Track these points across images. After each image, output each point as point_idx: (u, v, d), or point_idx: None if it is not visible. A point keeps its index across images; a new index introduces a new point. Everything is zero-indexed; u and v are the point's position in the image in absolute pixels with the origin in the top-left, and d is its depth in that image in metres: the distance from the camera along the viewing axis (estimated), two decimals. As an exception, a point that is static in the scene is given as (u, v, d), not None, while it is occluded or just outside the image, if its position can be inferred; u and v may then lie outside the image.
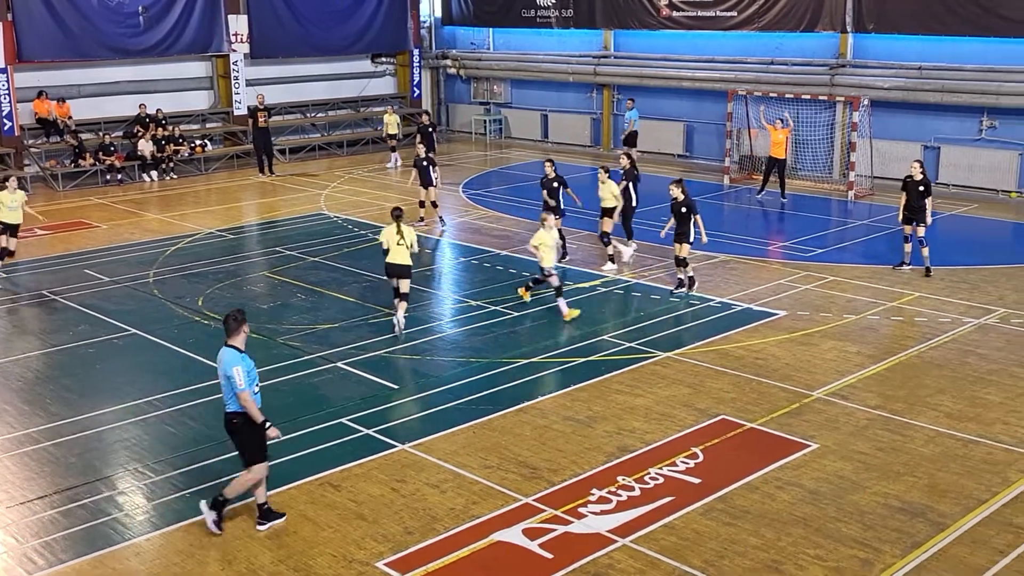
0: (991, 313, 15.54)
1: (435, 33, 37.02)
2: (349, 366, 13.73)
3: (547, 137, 33.98)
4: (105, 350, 14.70)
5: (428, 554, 9.06)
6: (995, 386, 12.75)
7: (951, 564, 8.80)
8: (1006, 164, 24.23)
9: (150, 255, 19.94)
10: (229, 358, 9.21)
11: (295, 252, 20.00)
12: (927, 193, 17.38)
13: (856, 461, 10.76)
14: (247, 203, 25.80)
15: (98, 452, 11.35)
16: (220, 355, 9.32)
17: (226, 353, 9.26)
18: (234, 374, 9.12)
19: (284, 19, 32.04)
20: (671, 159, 30.12)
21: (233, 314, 9.43)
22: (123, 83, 29.80)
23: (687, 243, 16.40)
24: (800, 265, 18.43)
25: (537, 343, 14.56)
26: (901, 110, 25.63)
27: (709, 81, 28.83)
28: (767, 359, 13.75)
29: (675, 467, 10.66)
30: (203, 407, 12.41)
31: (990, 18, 23.75)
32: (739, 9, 28.12)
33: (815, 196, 25.04)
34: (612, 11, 31.21)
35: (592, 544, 9.18)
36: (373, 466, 10.81)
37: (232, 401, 9.27)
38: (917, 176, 17.43)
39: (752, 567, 8.80)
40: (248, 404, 9.21)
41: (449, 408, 12.32)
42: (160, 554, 9.21)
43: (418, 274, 18.40)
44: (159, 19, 29.52)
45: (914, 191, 17.43)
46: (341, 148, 33.03)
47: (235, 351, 9.27)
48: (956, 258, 18.49)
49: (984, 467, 10.60)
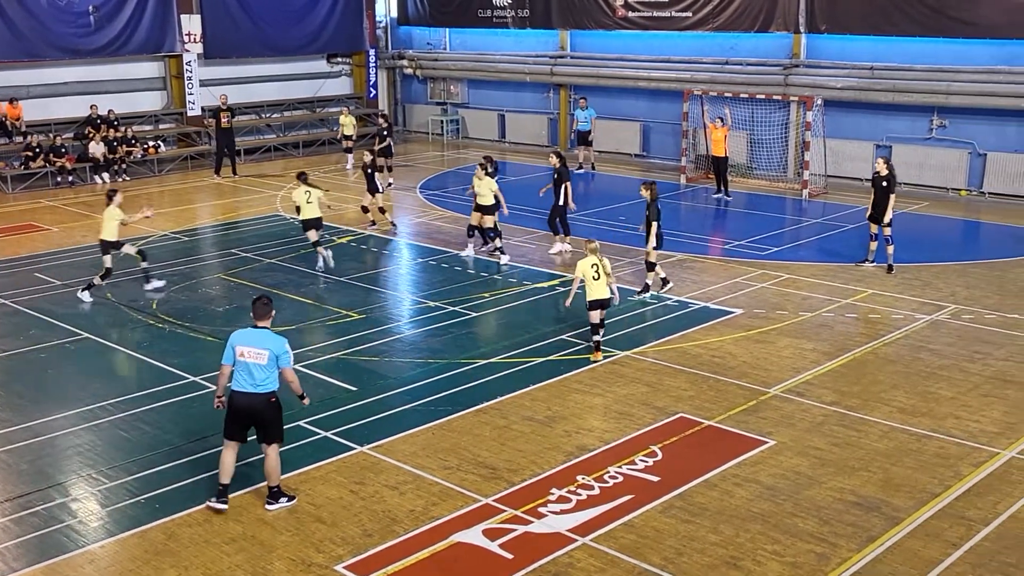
0: (942, 309, 15.78)
1: (391, 33, 36.90)
2: (307, 368, 13.62)
3: (504, 137, 33.99)
4: (57, 355, 14.47)
5: (388, 556, 9.02)
6: (946, 381, 12.95)
7: (906, 557, 8.92)
8: (956, 163, 24.63)
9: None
10: (274, 338, 9.66)
11: (251, 254, 19.82)
12: (889, 190, 17.57)
13: (812, 457, 10.87)
14: (202, 205, 25.53)
15: (50, 458, 11.17)
16: (255, 336, 9.64)
17: (267, 334, 9.67)
18: (288, 350, 9.65)
19: (238, 19, 31.75)
20: (628, 159, 30.26)
21: (262, 299, 9.93)
22: (73, 84, 29.36)
23: (651, 247, 16.20)
24: (756, 263, 18.59)
25: (496, 343, 14.55)
26: (854, 109, 25.96)
27: (665, 81, 28.99)
28: (724, 357, 13.86)
29: (634, 465, 10.70)
30: (157, 412, 12.26)
31: (939, 19, 24.13)
32: (694, 10, 28.32)
33: (770, 195, 25.28)
34: (568, 11, 31.29)
35: (552, 543, 9.19)
36: (331, 469, 10.74)
37: (271, 380, 9.62)
38: (882, 172, 17.67)
39: (711, 563, 8.86)
40: (295, 378, 9.87)
41: (408, 409, 12.27)
42: (115, 561, 9.08)
43: (375, 275, 18.38)
44: (110, 19, 29.15)
45: (878, 187, 17.68)
46: (297, 149, 32.81)
47: (272, 331, 9.75)
48: (908, 255, 18.75)
49: (937, 461, 10.75)
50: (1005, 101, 23.44)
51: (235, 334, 9.77)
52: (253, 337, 9.66)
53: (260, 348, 9.57)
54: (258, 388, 9.61)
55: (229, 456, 9.81)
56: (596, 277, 13.52)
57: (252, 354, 9.57)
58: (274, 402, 9.70)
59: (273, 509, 9.88)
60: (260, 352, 9.56)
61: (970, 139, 24.55)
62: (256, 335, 9.67)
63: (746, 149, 27.49)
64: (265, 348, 9.57)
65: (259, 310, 9.79)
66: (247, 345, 9.61)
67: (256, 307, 9.82)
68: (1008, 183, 24.00)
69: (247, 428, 9.83)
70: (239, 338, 9.69)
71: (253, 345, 9.60)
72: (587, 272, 13.51)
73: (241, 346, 9.62)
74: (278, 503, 9.92)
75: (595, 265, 13.54)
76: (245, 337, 9.68)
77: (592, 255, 13.59)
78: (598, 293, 13.57)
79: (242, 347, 9.61)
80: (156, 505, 9.99)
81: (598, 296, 13.58)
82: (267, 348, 9.57)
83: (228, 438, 9.83)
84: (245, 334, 9.72)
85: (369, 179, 21.40)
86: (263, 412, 9.68)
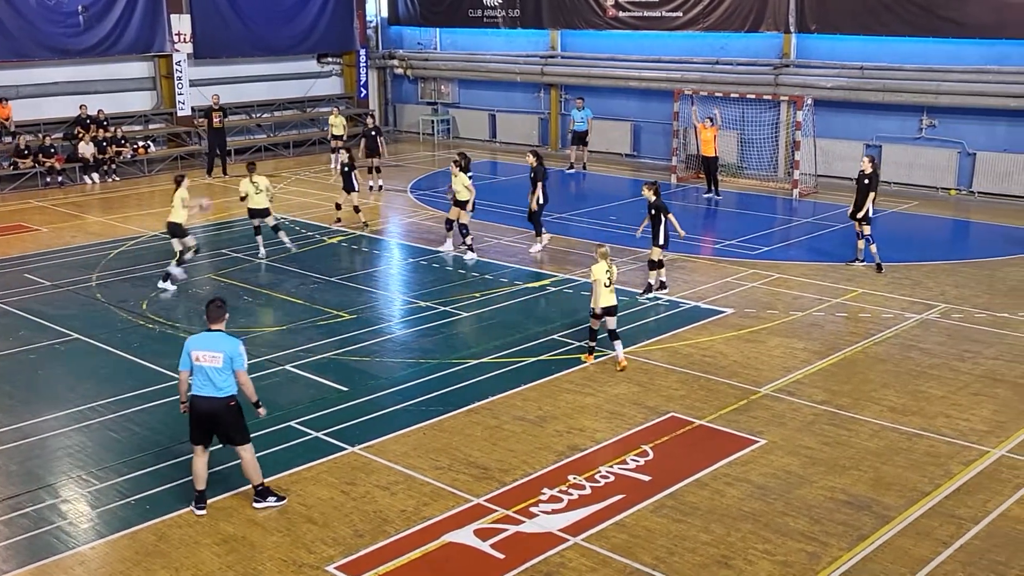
0: (932, 308, 15.83)
1: (382, 33, 36.85)
2: (297, 369, 13.61)
3: (495, 137, 33.98)
4: (47, 356, 14.42)
5: (379, 557, 9.01)
6: (937, 380, 12.99)
7: (896, 556, 8.94)
8: (945, 162, 24.71)
9: (92, 258, 19.61)
10: (228, 340, 9.55)
11: (241, 254, 19.78)
12: (869, 188, 17.60)
13: (803, 456, 10.90)
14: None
15: (40, 460, 11.13)
16: (209, 339, 9.54)
17: (220, 336, 9.56)
18: (242, 352, 9.53)
19: (228, 19, 31.66)
20: (619, 159, 30.29)
21: (216, 301, 9.79)
22: (62, 83, 29.24)
23: (657, 246, 16.21)
24: (747, 263, 18.62)
25: (487, 343, 14.55)
26: (844, 109, 26.02)
27: (656, 81, 29.02)
28: (715, 356, 13.88)
29: (625, 465, 10.71)
30: (148, 412, 12.23)
31: (929, 19, 24.21)
32: (684, 9, 28.35)
33: (761, 195, 25.32)
34: (559, 11, 31.30)
35: (543, 543, 9.19)
36: (323, 469, 10.72)
37: (229, 384, 9.52)
38: (867, 170, 17.69)
39: (702, 563, 8.87)
40: (249, 382, 9.66)
41: (399, 410, 12.26)
42: (105, 562, 9.05)
43: (366, 275, 18.37)
44: (100, 18, 29.02)
45: (861, 185, 17.73)
46: (287, 149, 32.76)
47: (227, 334, 9.64)
48: (898, 255, 18.80)
49: (927, 460, 10.79)
50: (994, 101, 23.53)
51: (190, 339, 9.67)
52: (207, 341, 9.53)
53: (214, 351, 9.46)
54: (217, 392, 9.50)
55: (199, 463, 9.75)
56: (608, 283, 13.22)
57: (207, 358, 9.45)
58: (233, 406, 9.60)
59: (261, 507, 9.86)
60: (215, 355, 9.44)
61: (959, 139, 24.64)
62: (210, 338, 9.55)
63: (736, 149, 27.53)
64: (219, 351, 9.45)
65: (212, 313, 9.67)
66: (201, 349, 9.49)
67: (209, 310, 9.70)
68: (997, 182, 24.08)
69: (210, 433, 9.70)
70: (194, 343, 9.57)
71: (207, 349, 9.48)
72: (601, 278, 13.16)
73: (196, 351, 9.50)
74: (265, 501, 9.89)
75: (608, 271, 13.22)
76: (199, 341, 9.56)
77: (603, 260, 13.22)
78: (609, 300, 13.26)
79: (197, 351, 9.49)
80: (147, 506, 9.97)
81: (609, 303, 13.26)
82: (221, 351, 9.45)
83: (194, 443, 9.74)
84: (199, 338, 9.60)
85: (346, 178, 21.39)
86: (223, 416, 9.57)
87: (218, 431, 9.68)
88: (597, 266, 13.22)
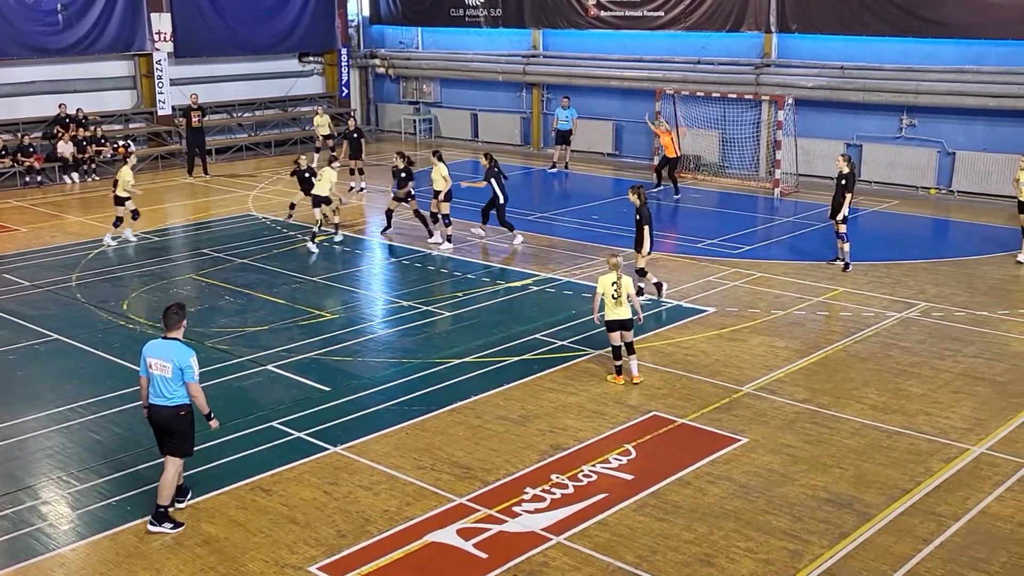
0: (912, 307, 15.92)
1: (363, 32, 36.75)
2: (279, 369, 13.57)
3: (477, 136, 33.95)
4: (26, 356, 14.32)
5: (362, 557, 8.99)
6: (917, 378, 13.06)
7: (877, 553, 8.99)
8: (925, 161, 24.85)
9: (72, 259, 19.49)
10: (180, 349, 9.27)
11: (222, 254, 19.69)
12: (846, 188, 17.62)
13: (785, 454, 10.94)
14: (173, 205, 25.34)
15: (20, 461, 11.05)
16: (162, 347, 9.32)
17: (173, 345, 9.30)
18: (192, 364, 9.22)
19: (209, 17, 31.51)
20: (601, 158, 30.32)
21: (173, 308, 9.50)
22: (41, 83, 28.99)
23: (639, 252, 15.70)
24: (728, 262, 18.68)
25: (469, 343, 14.54)
26: (825, 109, 26.13)
27: (637, 80, 29.06)
28: (697, 355, 13.91)
29: (608, 464, 10.72)
30: (128, 413, 12.15)
31: (909, 19, 24.34)
32: (666, 9, 28.40)
33: (742, 194, 25.40)
34: (540, 10, 31.31)
35: (527, 543, 9.19)
36: (305, 469, 10.69)
37: (179, 394, 9.28)
38: (844, 170, 17.75)
39: (685, 561, 8.89)
40: (200, 395, 9.35)
41: (381, 410, 12.23)
42: (86, 564, 8.99)
43: (348, 275, 18.33)
44: (79, 17, 28.83)
45: (838, 185, 17.79)
46: (268, 148, 32.63)
47: (181, 343, 9.35)
48: (878, 253, 18.90)
49: (908, 458, 10.85)
50: (973, 100, 23.67)
51: (147, 345, 9.46)
52: (160, 349, 9.31)
53: (164, 361, 9.22)
54: (167, 401, 9.29)
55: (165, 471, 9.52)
56: (616, 296, 12.50)
57: (158, 366, 9.25)
58: (183, 415, 9.36)
59: (155, 531, 9.39)
60: (165, 364, 9.22)
61: (939, 138, 24.78)
62: (163, 347, 9.31)
63: (718, 148, 27.62)
64: (169, 361, 9.20)
65: (169, 320, 9.40)
66: (155, 357, 9.29)
67: (167, 317, 9.42)
68: (976, 181, 24.24)
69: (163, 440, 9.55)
70: (149, 349, 9.38)
71: (159, 357, 9.26)
72: (607, 289, 12.54)
73: (150, 357, 9.31)
74: (160, 527, 9.42)
75: (615, 283, 12.50)
76: (153, 349, 9.36)
77: (613, 271, 12.55)
78: (617, 312, 12.62)
79: (151, 359, 9.31)
80: (128, 508, 9.91)
81: (617, 316, 12.63)
82: (171, 361, 9.20)
83: (160, 450, 9.65)
84: (154, 345, 9.40)
85: (304, 181, 21.56)
86: (171, 423, 9.34)
87: (165, 437, 9.46)
88: (604, 277, 12.66)
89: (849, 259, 17.89)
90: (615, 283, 12.54)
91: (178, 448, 9.46)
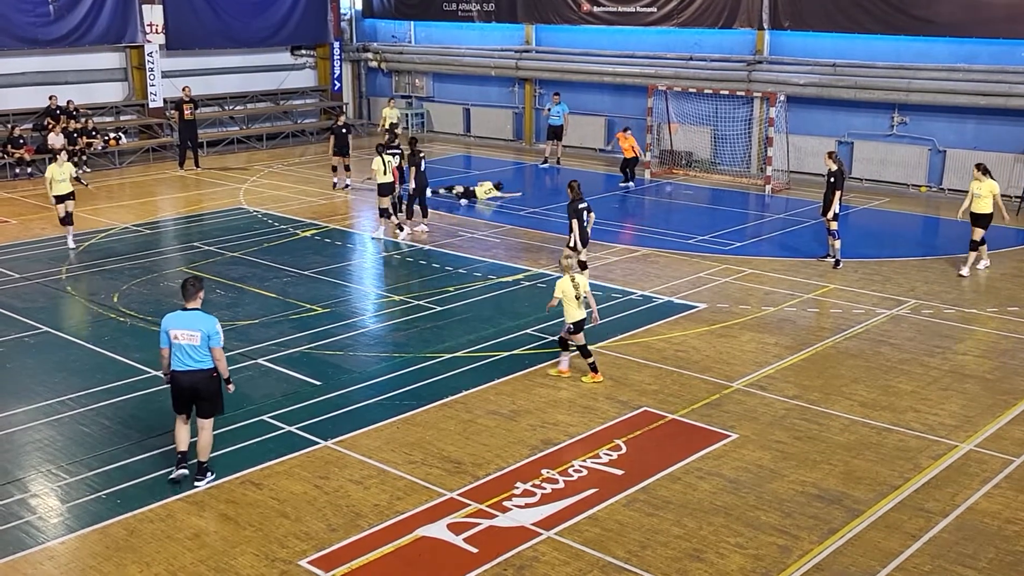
0: (902, 304, 15.97)
1: (356, 26, 36.68)
2: (270, 362, 13.55)
3: (470, 131, 33.93)
4: (16, 349, 14.27)
5: (352, 551, 9.00)
6: (906, 375, 13.11)
7: (866, 549, 9.03)
8: (916, 159, 24.92)
9: (62, 251, 19.42)
10: (205, 318, 9.94)
11: (214, 247, 19.65)
12: (835, 186, 17.67)
13: (774, 450, 10.97)
14: (164, 197, 25.27)
15: (9, 454, 11.02)
16: (186, 318, 9.91)
17: (197, 315, 9.95)
18: (219, 330, 9.95)
19: (200, 10, 31.39)
20: (593, 153, 30.33)
21: (191, 280, 10.15)
22: (31, 74, 28.88)
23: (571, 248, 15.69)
24: (719, 258, 18.71)
25: (460, 338, 14.54)
26: (816, 106, 26.18)
27: (630, 76, 29.08)
28: (688, 351, 13.94)
29: (598, 459, 10.74)
30: (118, 406, 12.14)
31: (900, 17, 24.40)
32: (659, 5, 28.40)
33: (733, 190, 25.43)
34: (533, 5, 31.29)
35: (517, 537, 9.21)
36: (295, 463, 10.69)
37: (208, 359, 9.92)
38: (831, 167, 17.79)
39: (674, 556, 8.92)
40: (223, 359, 10.07)
41: (372, 404, 12.24)
42: (75, 557, 8.98)
43: (339, 269, 18.30)
44: (70, 8, 28.70)
45: (827, 183, 17.82)
46: (260, 141, 32.55)
47: (203, 312, 10.03)
48: (869, 251, 18.95)
49: (897, 454, 10.89)
50: (964, 99, 23.74)
51: (167, 318, 10.02)
52: (185, 320, 9.93)
53: (192, 330, 9.87)
54: (198, 364, 9.94)
55: (181, 429, 10.25)
56: (577, 296, 12.50)
57: (185, 336, 9.86)
58: (215, 377, 10.05)
59: (202, 485, 10.16)
60: (192, 334, 9.86)
61: (930, 136, 24.85)
62: (188, 317, 9.94)
63: (710, 144, 27.65)
64: (197, 330, 9.86)
65: (188, 291, 10.03)
66: (179, 328, 9.89)
67: (186, 289, 10.06)
68: (967, 179, 24.01)
69: (191, 404, 10.15)
70: (171, 322, 9.95)
71: (186, 328, 9.88)
72: (567, 291, 12.51)
73: (174, 329, 9.90)
74: (206, 479, 10.23)
75: (574, 283, 12.48)
76: (177, 320, 9.95)
77: (567, 273, 12.53)
78: (579, 314, 12.61)
79: (175, 330, 9.90)
80: (117, 501, 9.90)
81: (578, 317, 12.61)
82: (199, 329, 9.87)
83: (178, 412, 10.24)
84: (176, 317, 9.97)
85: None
86: (203, 386, 10.00)
87: (197, 402, 10.09)
88: (561, 281, 12.59)
89: (840, 256, 17.94)
90: (573, 282, 12.51)
91: (213, 410, 10.19)
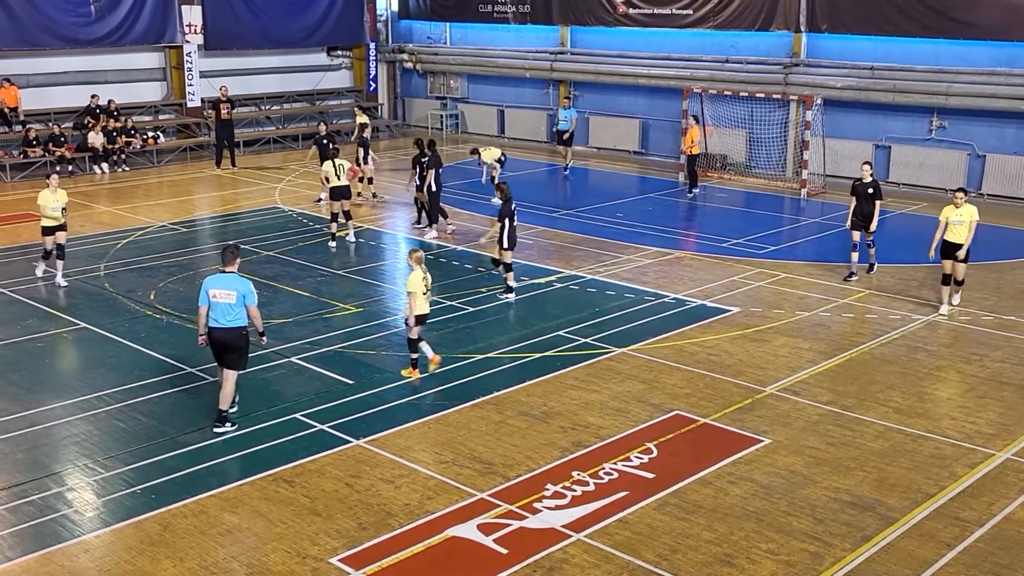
0: (939, 310, 15.79)
1: (392, 27, 36.85)
2: (303, 361, 13.64)
3: (504, 132, 33.97)
4: (54, 344, 14.48)
5: (382, 550, 9.04)
6: (943, 382, 12.97)
7: (899, 557, 8.94)
8: (955, 164, 24.63)
9: (101, 248, 19.67)
10: (240, 280, 11.13)
11: (249, 246, 19.78)
12: (876, 196, 17.12)
13: (807, 456, 10.89)
14: (200, 196, 25.52)
15: (47, 448, 11.18)
16: (224, 280, 11.07)
17: (233, 277, 11.13)
18: (253, 290, 11.14)
19: (239, 10, 31.69)
20: (627, 156, 30.26)
21: (230, 247, 11.39)
22: (73, 73, 29.31)
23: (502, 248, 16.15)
24: (753, 262, 18.60)
25: (492, 338, 14.56)
26: (853, 109, 25.96)
27: (664, 78, 28.98)
28: (720, 355, 13.87)
29: (629, 462, 10.72)
30: (154, 402, 12.27)
31: (940, 20, 24.15)
32: (695, 7, 28.30)
33: (768, 194, 25.28)
34: (569, 7, 31.28)
35: (546, 539, 9.21)
36: (327, 462, 10.75)
37: (240, 316, 11.08)
38: (867, 179, 17.22)
39: (705, 561, 8.88)
40: (258, 315, 11.28)
41: (404, 403, 12.28)
42: (110, 551, 9.09)
43: (372, 269, 18.39)
44: (111, 8, 29.08)
45: (863, 195, 17.17)
46: (296, 141, 32.77)
47: (238, 275, 11.19)
48: (905, 256, 18.76)
49: (932, 462, 10.78)
50: (1004, 103, 23.46)
51: (207, 279, 11.21)
52: (223, 281, 11.12)
53: (229, 290, 11.04)
54: (231, 323, 11.07)
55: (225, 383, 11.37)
56: (425, 292, 12.79)
57: (223, 295, 11.03)
58: (244, 334, 11.23)
59: (220, 431, 11.25)
60: (229, 293, 11.02)
61: (969, 140, 24.57)
62: (225, 279, 11.13)
63: (745, 148, 27.51)
64: (233, 289, 11.04)
65: (227, 257, 11.27)
66: (218, 288, 11.06)
67: (224, 254, 11.30)
68: (1006, 185, 24.02)
69: (221, 356, 11.26)
70: (211, 283, 11.13)
71: (223, 288, 11.05)
72: (418, 286, 12.63)
73: (213, 289, 11.07)
74: (224, 427, 11.30)
75: (425, 278, 12.75)
76: (216, 281, 11.13)
77: (418, 266, 12.70)
78: (425, 308, 12.89)
79: (214, 290, 11.06)
80: (152, 496, 10.01)
81: (425, 311, 12.91)
82: (235, 289, 11.04)
83: (220, 365, 11.39)
84: (216, 279, 11.18)
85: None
86: (234, 341, 11.14)
87: (226, 354, 11.18)
88: (414, 274, 12.67)
89: (875, 260, 17.77)
90: (424, 278, 12.76)
91: (238, 362, 11.31)
